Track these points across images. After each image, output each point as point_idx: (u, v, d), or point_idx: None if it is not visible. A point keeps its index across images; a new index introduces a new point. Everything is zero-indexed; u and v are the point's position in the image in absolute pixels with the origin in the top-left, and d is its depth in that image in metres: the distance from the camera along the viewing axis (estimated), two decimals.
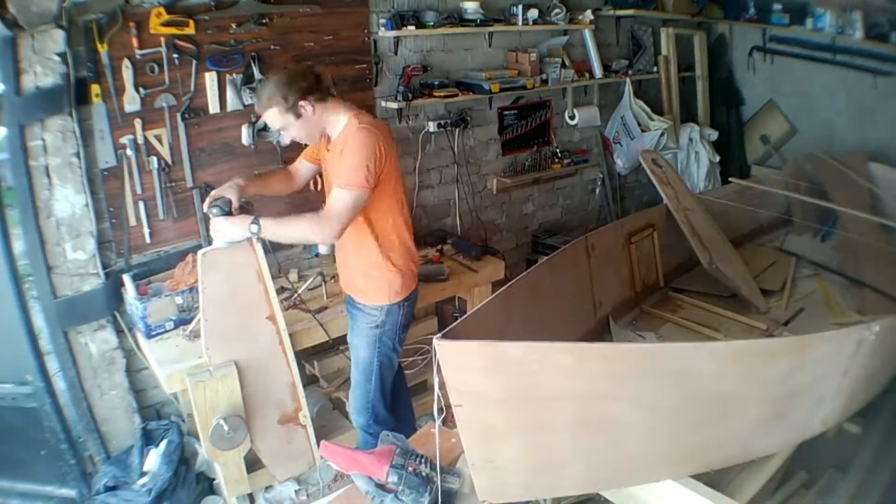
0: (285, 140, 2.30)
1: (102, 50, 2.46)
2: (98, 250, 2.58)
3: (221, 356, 2.26)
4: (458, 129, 3.62)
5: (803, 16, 4.24)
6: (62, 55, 2.34)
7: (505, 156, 3.97)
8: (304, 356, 3.03)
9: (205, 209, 2.22)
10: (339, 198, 2.08)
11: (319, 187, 3.11)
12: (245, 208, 2.27)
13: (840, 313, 2.81)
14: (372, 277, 2.32)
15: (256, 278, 2.27)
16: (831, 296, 2.99)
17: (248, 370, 2.32)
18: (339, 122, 2.19)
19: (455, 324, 1.63)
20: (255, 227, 2.11)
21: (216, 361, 2.25)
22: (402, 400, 2.73)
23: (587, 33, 4.02)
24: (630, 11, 4.20)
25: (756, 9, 4.45)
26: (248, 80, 2.81)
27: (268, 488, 2.72)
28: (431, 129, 3.50)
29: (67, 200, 2.48)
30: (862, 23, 3.95)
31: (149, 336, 2.52)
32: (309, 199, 2.91)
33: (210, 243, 2.25)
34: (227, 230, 2.15)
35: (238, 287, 2.24)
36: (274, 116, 2.15)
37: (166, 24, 2.55)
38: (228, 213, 2.18)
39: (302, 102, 2.11)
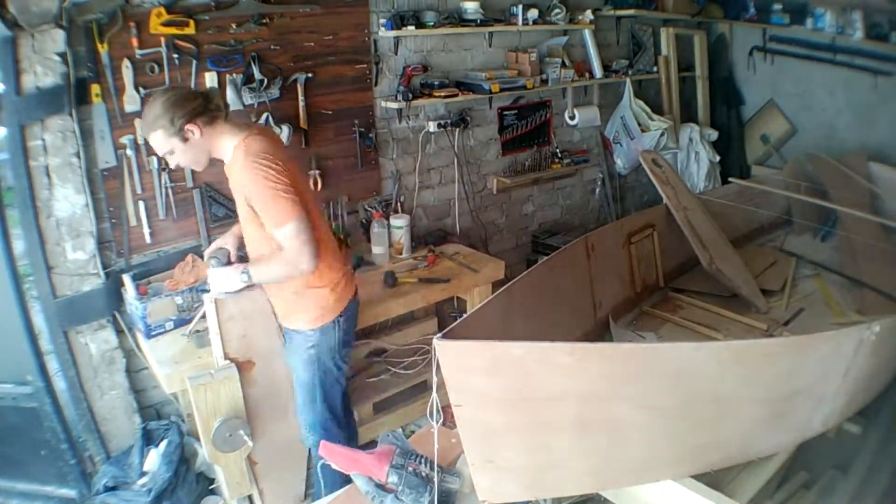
0: (171, 165, 2.12)
1: (102, 50, 2.46)
2: (98, 250, 2.58)
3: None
4: (458, 129, 3.62)
5: (803, 16, 4.25)
6: (62, 55, 2.34)
7: (505, 156, 3.97)
8: None
9: (205, 260, 2.23)
10: (285, 236, 1.99)
11: (320, 187, 3.13)
12: (244, 257, 2.28)
13: (840, 313, 2.81)
14: (297, 302, 2.22)
15: (269, 324, 2.32)
16: (831, 296, 2.99)
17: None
18: (228, 146, 2.07)
19: (455, 324, 1.63)
20: (245, 276, 2.09)
21: None
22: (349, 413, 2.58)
23: (587, 33, 4.02)
24: (630, 11, 4.20)
25: (756, 9, 4.46)
26: (248, 80, 2.81)
27: None
28: (431, 129, 3.50)
29: (67, 200, 2.48)
30: (862, 23, 3.96)
31: (149, 336, 2.52)
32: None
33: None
34: (222, 281, 2.13)
35: (250, 332, 2.28)
36: (159, 140, 2.01)
37: (166, 23, 2.55)
38: (228, 264, 2.19)
39: (189, 126, 1.99)
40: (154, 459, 2.56)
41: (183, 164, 2.11)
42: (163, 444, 2.61)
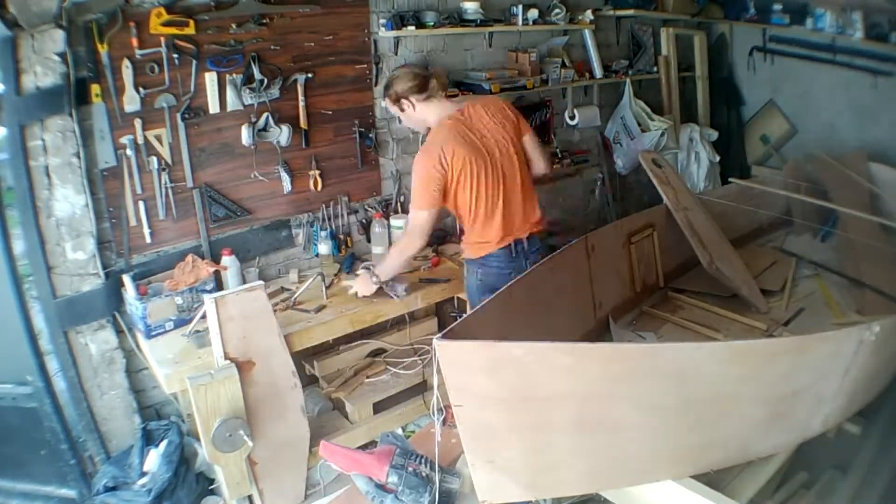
0: (403, 122, 2.81)
1: (102, 50, 2.46)
2: (98, 250, 2.58)
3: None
4: None
5: (803, 16, 4.24)
6: (62, 55, 2.34)
7: None
8: (304, 356, 3.03)
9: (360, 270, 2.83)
10: (413, 218, 2.51)
11: (321, 187, 3.13)
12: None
13: (840, 313, 2.81)
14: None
15: (269, 324, 2.35)
16: (831, 296, 2.98)
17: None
18: (433, 119, 2.56)
19: (455, 324, 1.63)
20: (375, 279, 2.69)
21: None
22: None
23: (587, 33, 4.02)
24: (630, 11, 4.20)
25: (756, 9, 4.45)
26: (248, 80, 2.81)
27: None
28: None
29: (67, 200, 2.48)
30: (862, 23, 3.95)
31: (149, 336, 2.52)
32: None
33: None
34: (364, 286, 2.73)
35: (250, 333, 2.30)
36: (389, 105, 2.63)
37: (166, 24, 2.55)
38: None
39: (403, 101, 2.55)
40: (154, 459, 2.56)
41: (409, 126, 2.94)
42: (163, 445, 2.61)
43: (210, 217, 2.87)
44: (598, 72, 4.10)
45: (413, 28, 3.18)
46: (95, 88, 2.48)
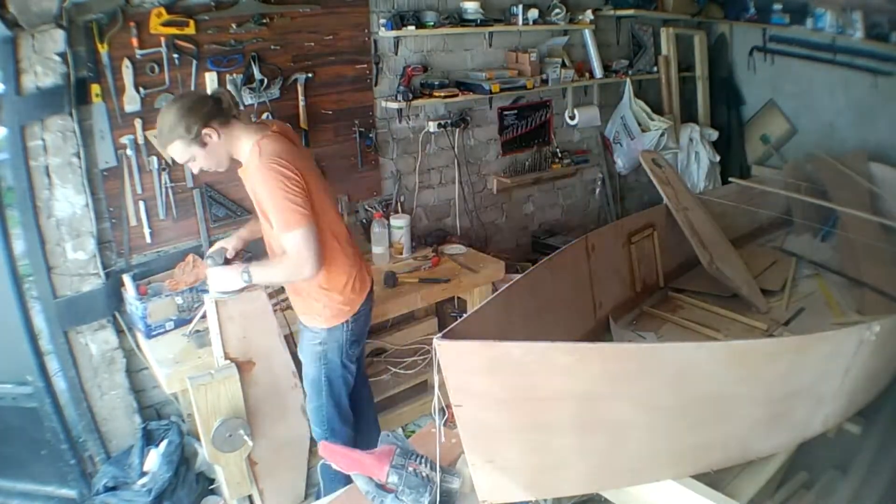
0: (194, 170, 2.12)
1: (102, 50, 2.46)
2: (98, 250, 2.58)
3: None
4: (458, 129, 3.62)
5: (803, 16, 4.24)
6: (62, 55, 2.34)
7: (505, 156, 3.97)
8: None
9: (204, 260, 2.23)
10: (291, 241, 1.99)
11: None
12: (251, 258, 2.27)
13: (840, 313, 2.81)
14: (306, 302, 2.26)
15: (270, 324, 2.34)
16: (831, 296, 2.99)
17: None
18: (245, 146, 2.06)
19: (455, 324, 1.63)
20: (246, 276, 2.08)
21: None
22: (362, 414, 2.59)
23: (587, 33, 4.02)
24: (630, 11, 4.20)
25: (756, 9, 4.46)
26: (249, 80, 2.81)
27: None
28: (431, 129, 3.50)
29: (67, 200, 2.48)
30: (862, 23, 3.95)
31: (149, 336, 2.52)
32: None
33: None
34: (220, 281, 2.13)
35: (250, 333, 2.28)
36: (179, 149, 2.01)
37: (166, 24, 2.55)
38: (226, 263, 2.17)
39: (206, 130, 1.98)
40: (154, 459, 2.56)
41: (205, 168, 2.10)
42: (163, 444, 2.61)
43: (210, 217, 2.87)
44: (598, 72, 4.10)
45: (413, 28, 3.18)
46: (96, 88, 2.48)
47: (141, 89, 2.57)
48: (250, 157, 2.03)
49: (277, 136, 2.06)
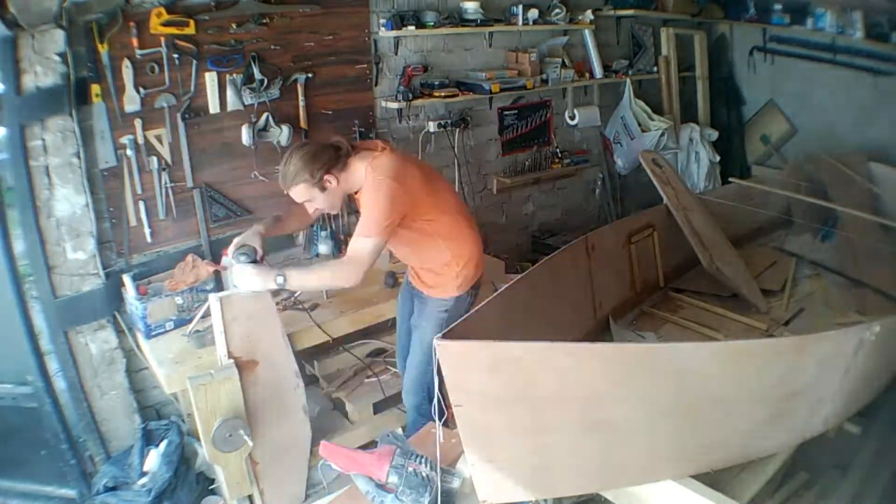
0: (310, 211, 2.37)
1: (102, 50, 2.46)
2: (98, 250, 2.58)
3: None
4: (458, 130, 3.62)
5: (804, 16, 4.25)
6: (62, 55, 2.34)
7: (505, 156, 3.97)
8: (305, 356, 3.02)
9: (229, 256, 2.21)
10: (360, 245, 2.12)
11: None
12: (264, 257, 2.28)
13: (840, 313, 2.81)
14: (440, 275, 2.41)
15: (274, 324, 2.35)
16: (831, 296, 2.99)
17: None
18: (359, 173, 2.21)
19: (455, 324, 1.63)
20: (280, 279, 2.13)
21: None
22: None
23: (587, 33, 4.02)
24: (630, 11, 4.21)
25: (756, 9, 4.46)
26: (249, 80, 2.81)
27: None
28: (431, 130, 3.50)
29: (67, 200, 2.48)
30: (862, 23, 3.96)
31: (149, 336, 2.52)
32: None
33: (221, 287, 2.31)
34: (252, 280, 2.14)
35: (255, 332, 2.29)
36: (301, 192, 2.20)
37: (166, 24, 2.55)
38: (254, 262, 2.17)
39: (327, 177, 2.17)
40: (154, 459, 2.56)
41: (321, 209, 2.32)
42: (163, 445, 2.61)
43: (210, 217, 2.87)
44: (598, 72, 4.10)
45: (413, 28, 3.18)
46: (95, 88, 2.48)
47: (141, 89, 2.57)
48: (366, 177, 2.18)
49: (387, 153, 2.22)
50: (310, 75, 2.99)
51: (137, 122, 2.59)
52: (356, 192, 2.29)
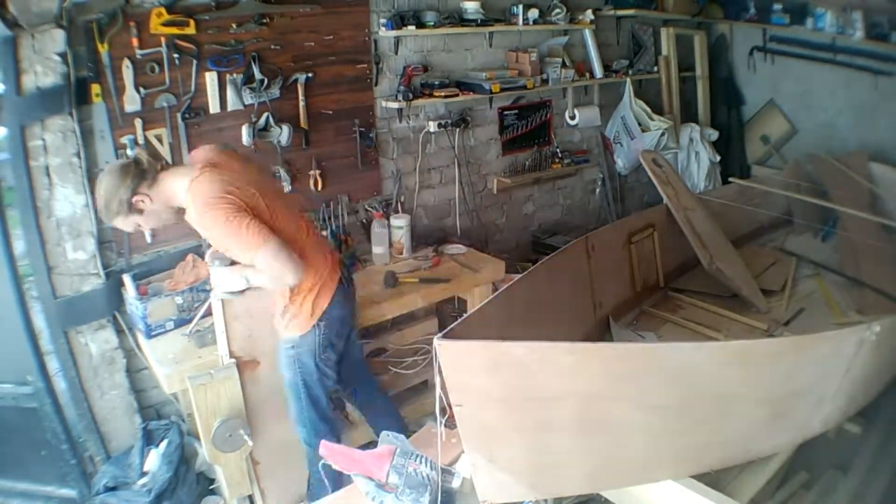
0: (147, 233, 2.25)
1: (103, 50, 2.46)
2: (98, 250, 2.58)
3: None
4: (458, 129, 3.62)
5: (803, 16, 4.25)
6: (62, 55, 2.34)
7: (505, 156, 3.96)
8: None
9: (206, 261, 2.20)
10: (261, 260, 1.97)
11: (321, 187, 3.13)
12: None
13: (840, 313, 2.81)
14: (281, 311, 2.24)
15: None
16: (831, 296, 2.99)
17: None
18: (180, 193, 2.00)
19: (455, 324, 1.63)
20: (244, 280, 2.07)
21: None
22: (375, 407, 2.66)
23: (587, 33, 4.02)
24: (630, 11, 4.21)
25: (756, 9, 4.46)
26: (249, 79, 2.81)
27: None
28: (432, 129, 3.50)
29: (68, 200, 2.48)
30: (862, 23, 3.95)
31: (149, 336, 2.52)
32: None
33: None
34: (225, 281, 2.10)
35: (256, 332, 2.29)
36: (122, 223, 2.02)
37: (167, 23, 2.55)
38: (230, 264, 2.14)
39: (136, 199, 1.96)
40: (154, 459, 2.56)
41: (155, 227, 2.14)
42: (163, 444, 2.61)
43: None
44: (599, 72, 4.10)
45: (413, 28, 3.18)
46: (96, 88, 2.48)
47: (141, 89, 2.57)
48: (188, 206, 2.00)
49: (207, 172, 1.98)
50: (310, 75, 2.99)
51: (138, 122, 2.59)
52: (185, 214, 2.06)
